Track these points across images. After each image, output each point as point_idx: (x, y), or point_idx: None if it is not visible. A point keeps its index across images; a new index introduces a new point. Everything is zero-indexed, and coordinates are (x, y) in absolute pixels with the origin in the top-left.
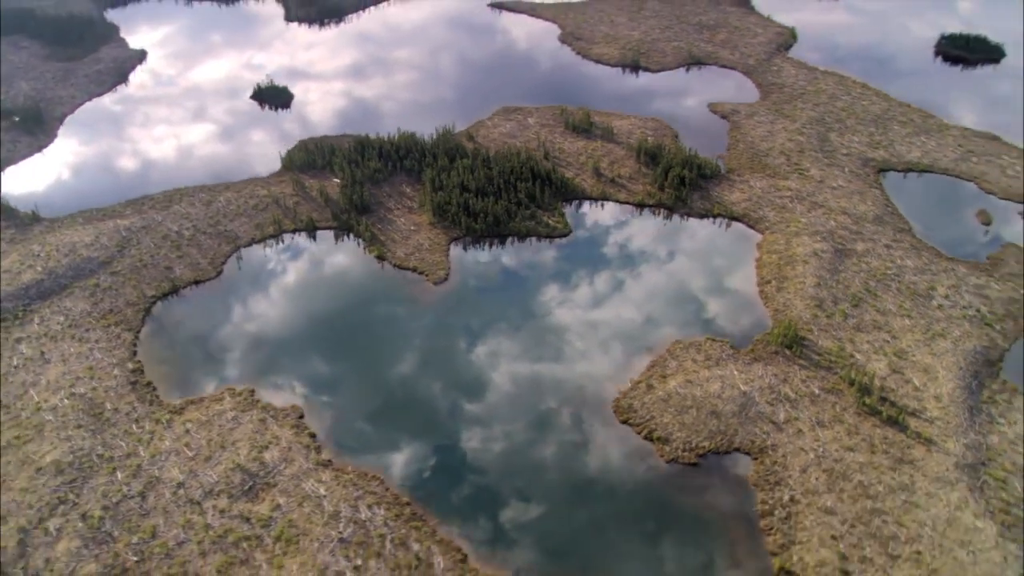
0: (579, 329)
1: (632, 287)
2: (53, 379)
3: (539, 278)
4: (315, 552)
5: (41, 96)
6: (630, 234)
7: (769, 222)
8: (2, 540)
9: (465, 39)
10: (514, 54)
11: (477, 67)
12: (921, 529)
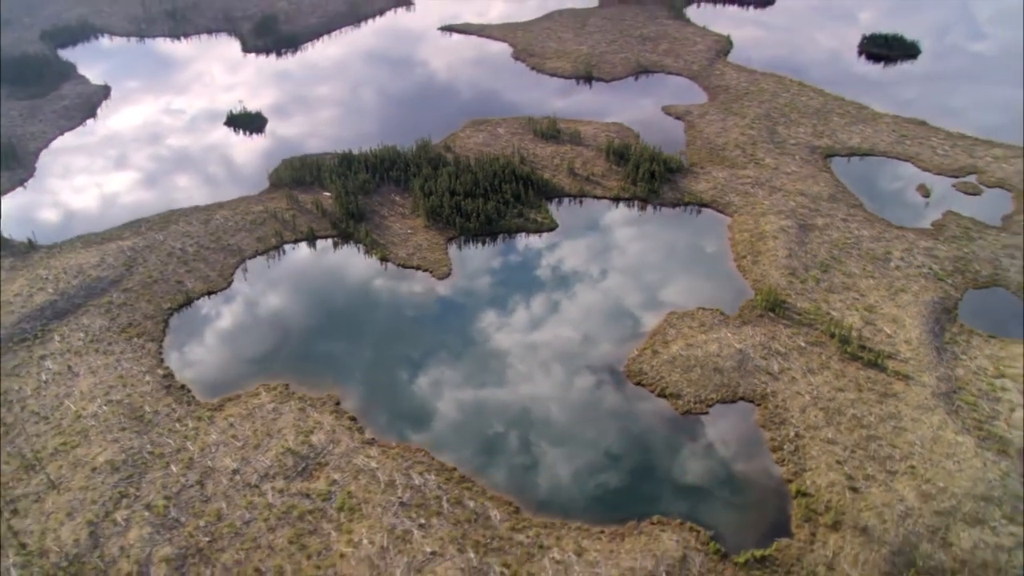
0: (579, 306)
1: (620, 270)
2: (86, 389)
3: (536, 267)
4: (379, 516)
5: (11, 133)
6: (611, 224)
7: (736, 206)
8: (73, 534)
9: (424, 60)
10: (473, 71)
11: (440, 85)
12: (911, 448)
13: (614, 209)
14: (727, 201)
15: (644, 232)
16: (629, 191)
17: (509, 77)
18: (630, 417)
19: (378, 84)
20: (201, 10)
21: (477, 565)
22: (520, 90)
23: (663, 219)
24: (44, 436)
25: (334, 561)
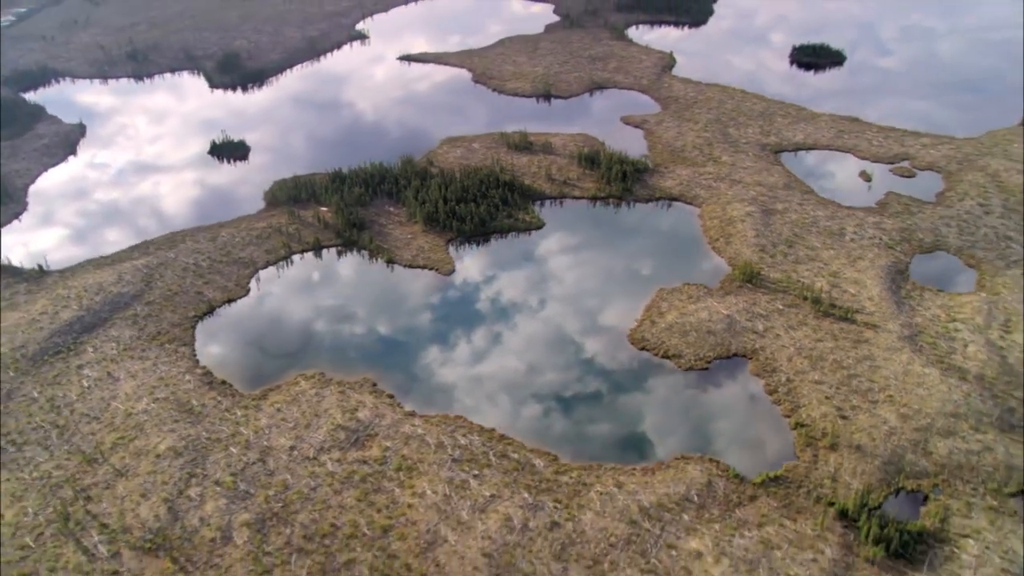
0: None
1: (608, 257)
2: (130, 391)
3: (531, 259)
4: (436, 471)
5: None
6: (593, 220)
7: (703, 198)
8: (151, 511)
9: (390, 87)
10: (439, 95)
11: (409, 109)
12: (887, 381)
13: (593, 207)
14: (694, 194)
15: (624, 225)
16: (605, 191)
17: (473, 99)
18: (641, 376)
19: (351, 111)
20: (161, 51)
21: (532, 502)
22: (486, 110)
23: (639, 213)
24: (99, 433)
25: (403, 511)
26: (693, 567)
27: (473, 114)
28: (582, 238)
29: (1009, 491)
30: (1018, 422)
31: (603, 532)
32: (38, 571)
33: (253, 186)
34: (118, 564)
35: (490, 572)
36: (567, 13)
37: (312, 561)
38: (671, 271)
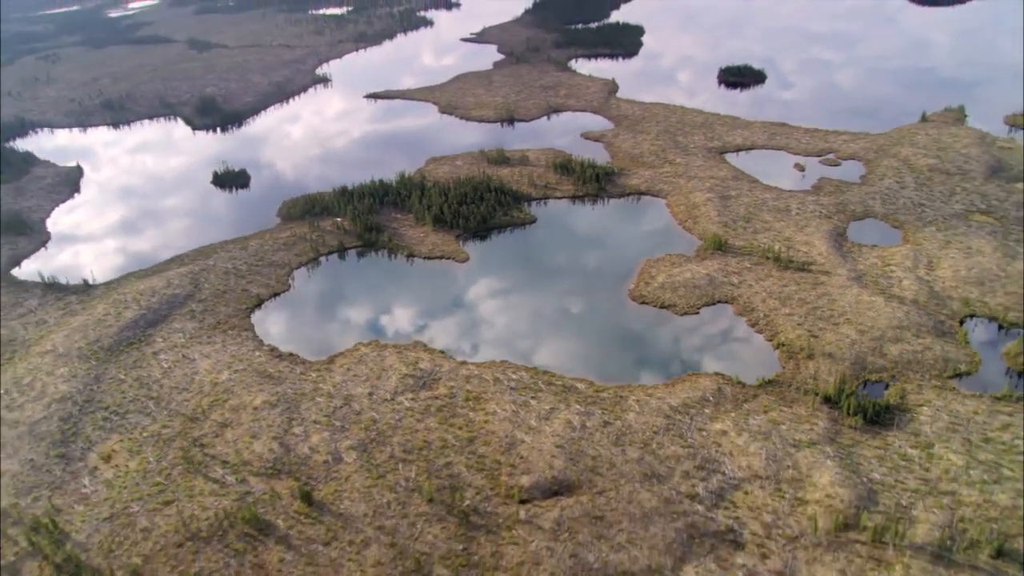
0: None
1: (596, 240)
2: (209, 367)
3: (532, 246)
4: (499, 398)
5: (8, 209)
6: (576, 214)
7: (667, 191)
8: (264, 447)
9: (364, 120)
10: (412, 125)
11: (388, 138)
12: (844, 309)
13: (573, 204)
14: (659, 188)
15: (604, 215)
16: (582, 190)
17: (444, 127)
18: (646, 320)
19: (334, 142)
20: (136, 99)
21: (584, 411)
22: (458, 135)
23: (614, 206)
24: (193, 399)
25: (481, 426)
26: (721, 440)
27: (448, 139)
28: (570, 228)
29: (947, 375)
30: (948, 330)
31: (646, 424)
32: (178, 498)
33: (262, 207)
34: (247, 487)
35: (564, 457)
36: (511, 51)
37: (416, 466)
38: (652, 246)
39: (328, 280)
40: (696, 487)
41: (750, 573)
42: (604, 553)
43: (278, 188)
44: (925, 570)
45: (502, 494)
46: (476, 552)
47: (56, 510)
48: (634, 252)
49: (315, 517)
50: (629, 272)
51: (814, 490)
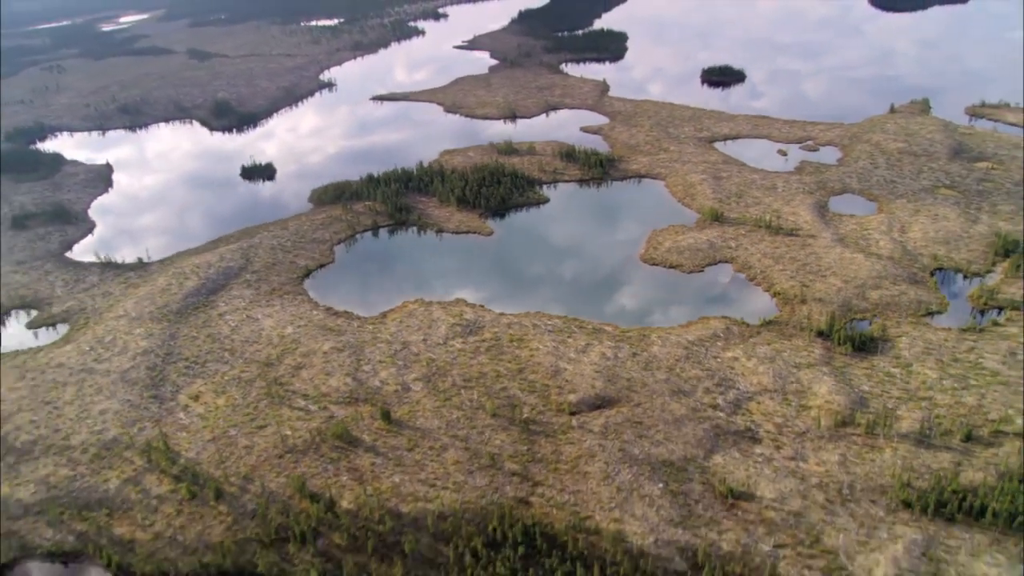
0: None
1: (604, 216)
2: (273, 324)
3: (549, 221)
4: (540, 338)
5: (47, 202)
6: (585, 194)
7: (664, 174)
8: (339, 382)
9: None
10: (421, 123)
11: (399, 134)
12: (829, 264)
13: (581, 187)
14: (657, 172)
15: (609, 195)
16: (588, 174)
17: (451, 124)
18: (658, 277)
19: (349, 139)
20: (151, 104)
21: (614, 346)
22: (466, 131)
23: (618, 187)
24: (264, 350)
25: (527, 359)
26: (734, 364)
27: (456, 134)
28: (581, 206)
29: (921, 314)
30: (920, 279)
31: (668, 354)
32: (270, 423)
33: (290, 196)
34: (329, 413)
35: (603, 380)
36: (504, 56)
37: (476, 391)
38: (656, 219)
39: (367, 253)
40: (717, 399)
41: (768, 459)
42: (646, 448)
43: (303, 179)
44: (909, 451)
45: (554, 408)
46: (538, 451)
47: (164, 436)
48: (640, 225)
49: (395, 431)
50: (638, 241)
51: (815, 398)
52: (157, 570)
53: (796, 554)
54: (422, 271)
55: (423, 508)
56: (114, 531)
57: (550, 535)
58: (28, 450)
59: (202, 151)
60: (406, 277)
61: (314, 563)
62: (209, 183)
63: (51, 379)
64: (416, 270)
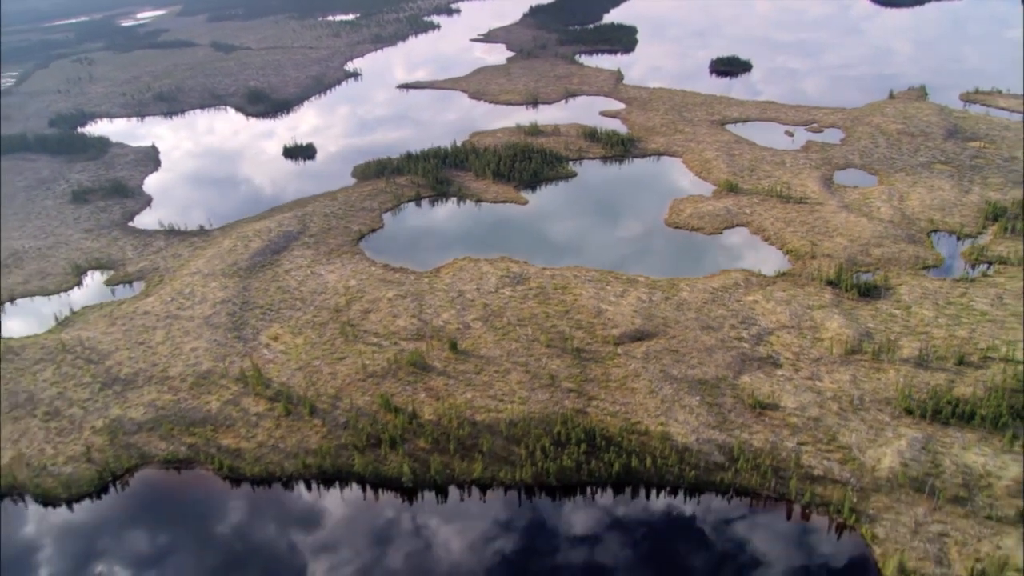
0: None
1: (627, 188)
2: (336, 278)
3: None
4: (581, 286)
5: (102, 179)
6: (609, 169)
7: (681, 152)
8: (405, 321)
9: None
10: (448, 109)
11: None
12: (836, 226)
13: (605, 163)
14: (674, 150)
15: (632, 170)
16: (611, 152)
17: (477, 109)
18: (682, 239)
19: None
20: (185, 91)
21: (648, 292)
22: (492, 115)
23: (639, 163)
24: (333, 298)
25: (571, 303)
26: (755, 306)
27: (483, 118)
28: (606, 179)
29: (918, 267)
30: (918, 239)
31: (696, 298)
32: (348, 356)
33: (332, 173)
34: (400, 348)
35: (641, 318)
36: (520, 48)
37: (530, 327)
38: (676, 190)
39: (413, 219)
40: (741, 333)
41: (788, 379)
42: (683, 370)
43: (342, 158)
44: (910, 372)
45: (600, 340)
46: (590, 373)
47: (256, 365)
48: (662, 195)
49: (463, 359)
50: (661, 208)
51: (827, 332)
52: (264, 472)
53: (816, 449)
54: (466, 234)
55: (495, 417)
56: (221, 442)
57: (607, 436)
58: (131, 380)
59: (241, 134)
60: (452, 239)
61: (404, 462)
62: (253, 162)
63: (140, 324)
64: (460, 234)
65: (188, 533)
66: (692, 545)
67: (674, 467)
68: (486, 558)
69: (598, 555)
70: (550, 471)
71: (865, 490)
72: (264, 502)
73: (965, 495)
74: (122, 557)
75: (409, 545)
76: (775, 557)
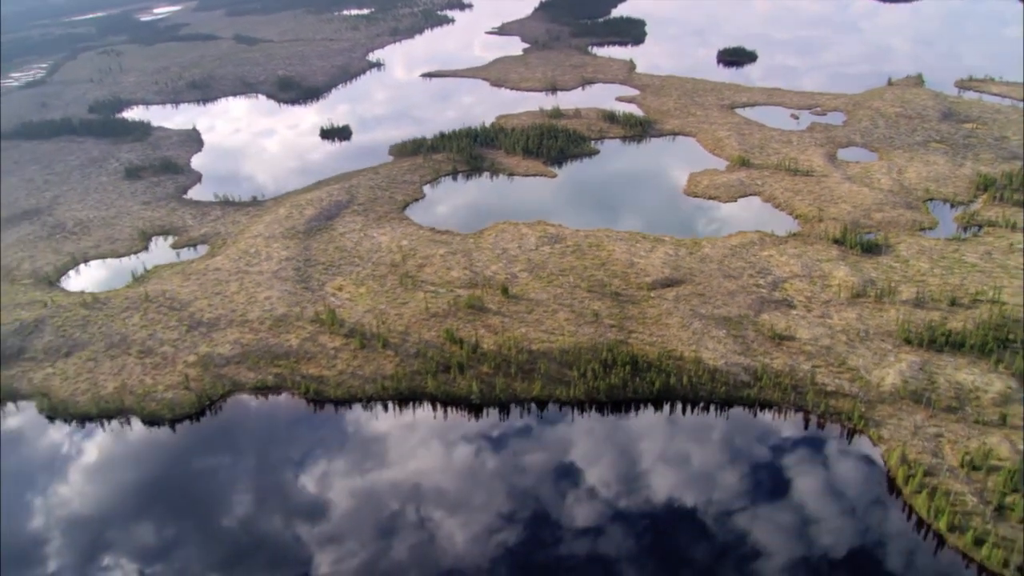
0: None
1: (648, 162)
2: (388, 240)
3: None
4: (614, 244)
5: (151, 158)
6: (629, 148)
7: (695, 132)
8: (457, 273)
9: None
10: (471, 95)
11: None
12: (840, 195)
13: (624, 143)
14: (689, 131)
15: (650, 148)
16: (630, 132)
17: (499, 96)
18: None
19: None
20: (217, 80)
21: (674, 248)
22: (514, 100)
23: (656, 142)
24: (387, 256)
25: (606, 257)
26: (770, 259)
27: (506, 103)
28: (627, 156)
29: (915, 229)
30: (915, 205)
31: (717, 253)
32: (409, 301)
33: (369, 152)
34: (456, 294)
35: (669, 268)
36: (535, 40)
37: (571, 276)
38: (692, 165)
39: (452, 191)
40: (759, 281)
41: (802, 317)
42: (710, 309)
43: (377, 139)
44: (909, 311)
45: (634, 286)
46: (628, 312)
47: (329, 308)
48: (679, 170)
49: (514, 301)
50: (679, 181)
51: (834, 279)
52: (346, 394)
53: (828, 370)
54: (503, 203)
55: (548, 346)
56: (304, 371)
57: (647, 360)
58: (214, 323)
59: (276, 118)
60: (490, 207)
61: (472, 383)
62: (292, 142)
63: (213, 278)
64: (497, 202)
65: (282, 445)
66: (725, 448)
67: (706, 385)
68: (550, 461)
69: (644, 458)
70: (600, 388)
71: (871, 402)
72: (347, 420)
73: (957, 405)
74: (230, 466)
75: (482, 452)
76: (797, 455)
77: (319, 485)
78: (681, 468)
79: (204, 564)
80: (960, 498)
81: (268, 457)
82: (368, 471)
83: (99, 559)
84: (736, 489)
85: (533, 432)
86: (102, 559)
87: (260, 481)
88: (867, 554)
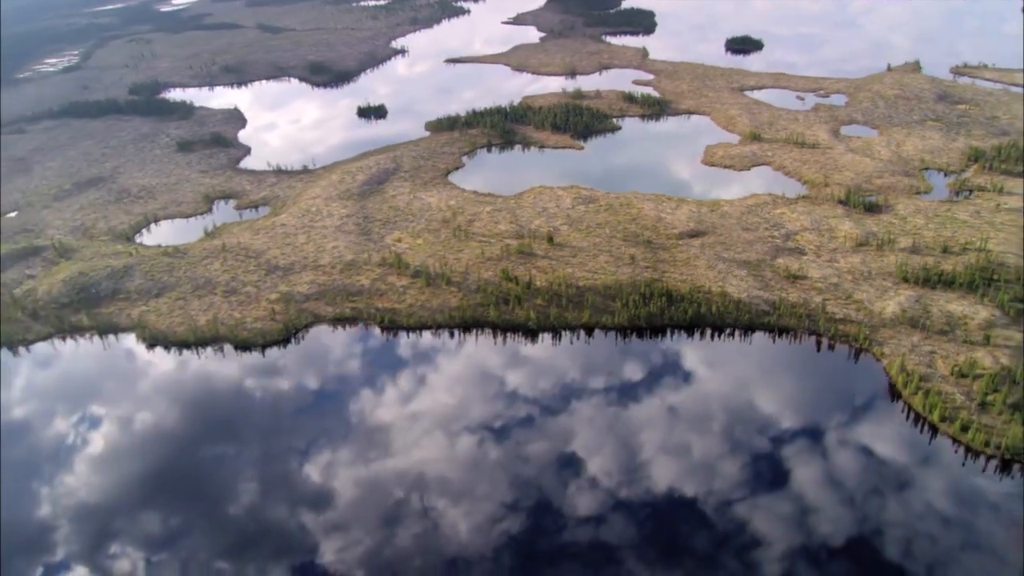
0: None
1: (666, 137)
2: (437, 200)
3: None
4: (642, 203)
5: (200, 133)
6: (649, 125)
7: (709, 111)
8: (505, 226)
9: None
10: (495, 79)
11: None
12: (844, 164)
13: (644, 121)
14: (703, 110)
15: (669, 124)
16: (648, 111)
17: (521, 79)
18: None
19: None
20: (250, 64)
21: (696, 207)
22: (536, 83)
23: (673, 120)
24: (438, 213)
25: (636, 213)
26: (782, 216)
27: (530, 86)
28: (647, 132)
29: (912, 193)
30: (912, 173)
31: (735, 210)
32: (464, 248)
33: (405, 128)
34: (505, 243)
35: (693, 221)
36: (551, 29)
37: (607, 228)
38: (708, 140)
39: (489, 161)
40: (773, 233)
41: (812, 261)
42: (731, 254)
43: (412, 117)
44: (906, 256)
45: (663, 236)
46: (660, 256)
47: (394, 253)
48: (696, 143)
49: (559, 248)
50: (696, 153)
51: (840, 232)
52: (418, 323)
53: (837, 302)
54: (537, 171)
55: (592, 282)
56: (377, 305)
57: (680, 294)
58: (290, 268)
59: (312, 99)
60: (526, 175)
61: (528, 311)
62: (331, 120)
63: (281, 232)
64: (532, 170)
65: (366, 364)
66: (750, 364)
67: (732, 313)
68: (600, 376)
69: (680, 374)
70: (640, 315)
71: (875, 327)
72: (420, 344)
73: (948, 329)
74: (324, 379)
75: (541, 367)
76: (812, 368)
77: (409, 398)
78: (717, 380)
79: (309, 446)
80: (950, 397)
81: (355, 374)
82: (451, 384)
83: (223, 445)
84: (764, 395)
85: (584, 351)
86: (226, 446)
87: (356, 388)
88: (874, 437)
